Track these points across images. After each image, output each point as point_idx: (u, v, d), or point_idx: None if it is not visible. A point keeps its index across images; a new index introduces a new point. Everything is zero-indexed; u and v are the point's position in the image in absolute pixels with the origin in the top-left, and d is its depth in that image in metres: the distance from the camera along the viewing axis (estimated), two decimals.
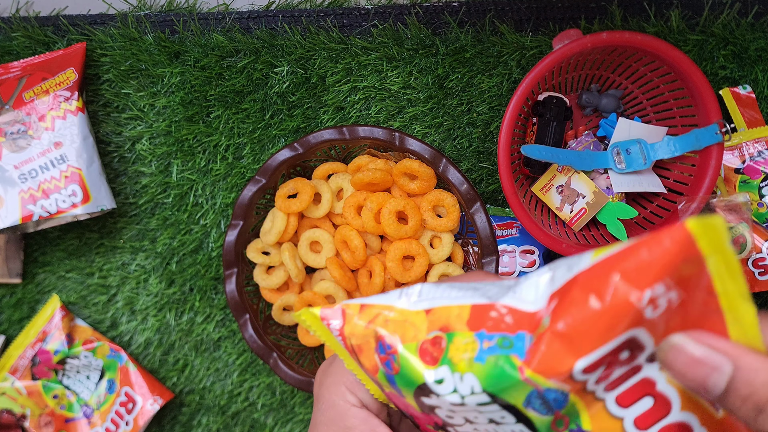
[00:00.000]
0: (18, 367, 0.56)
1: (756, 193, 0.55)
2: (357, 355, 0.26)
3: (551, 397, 0.22)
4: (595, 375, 0.21)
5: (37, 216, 0.53)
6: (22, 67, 0.56)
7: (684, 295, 0.20)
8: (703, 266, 0.20)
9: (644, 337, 0.21)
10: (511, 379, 0.22)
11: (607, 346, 0.20)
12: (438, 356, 0.23)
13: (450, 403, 0.23)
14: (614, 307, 0.20)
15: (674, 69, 0.50)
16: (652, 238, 0.20)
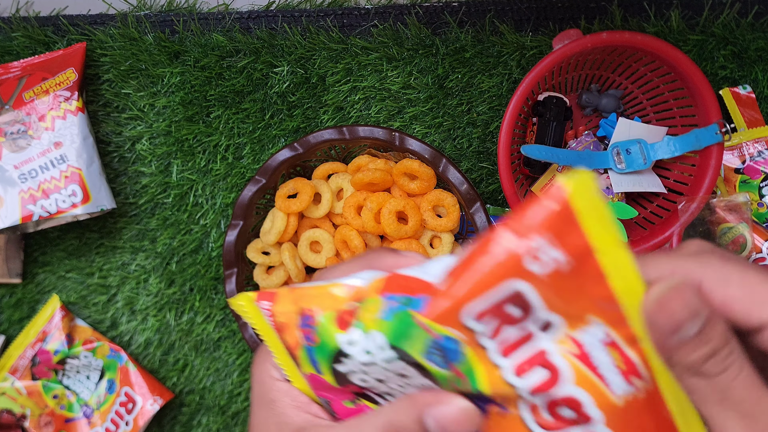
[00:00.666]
0: (18, 367, 0.56)
1: (756, 193, 0.55)
2: (281, 333, 0.27)
3: (446, 346, 0.23)
4: (487, 327, 0.22)
5: (37, 216, 0.53)
6: (22, 67, 0.56)
7: (573, 264, 0.21)
8: (577, 225, 0.21)
9: (532, 296, 0.22)
10: (409, 327, 0.23)
11: (493, 293, 0.22)
12: (350, 321, 0.25)
13: (361, 363, 0.25)
14: (495, 252, 0.22)
15: (674, 69, 0.50)
16: (536, 200, 0.21)
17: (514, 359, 0.23)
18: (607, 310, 0.22)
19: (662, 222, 0.53)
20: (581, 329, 0.22)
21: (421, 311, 0.23)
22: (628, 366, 0.22)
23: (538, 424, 0.24)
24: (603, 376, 0.23)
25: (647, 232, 0.53)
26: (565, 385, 0.23)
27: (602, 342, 0.22)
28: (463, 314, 0.22)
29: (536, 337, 0.23)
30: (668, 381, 0.23)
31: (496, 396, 0.24)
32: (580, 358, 0.23)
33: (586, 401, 0.23)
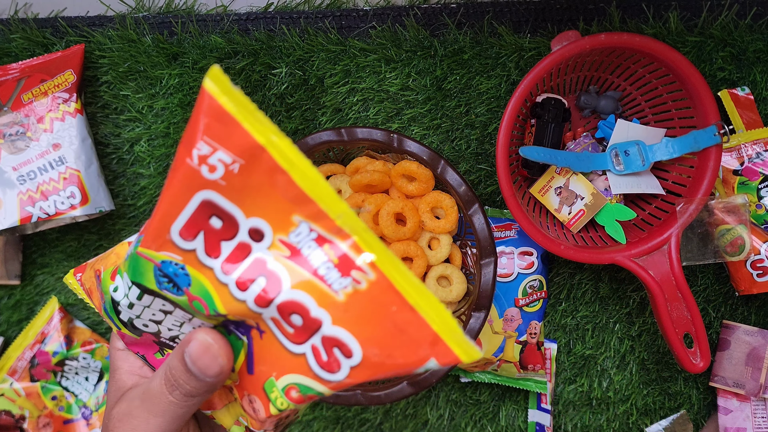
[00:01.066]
0: (17, 368, 0.56)
1: (754, 194, 0.55)
2: (91, 298, 0.29)
3: (170, 270, 0.24)
4: (198, 244, 0.23)
5: (36, 218, 0.53)
6: (20, 69, 0.56)
7: (246, 163, 0.22)
8: (230, 117, 0.22)
9: (222, 202, 0.23)
10: (138, 261, 0.25)
11: (188, 208, 0.23)
12: (116, 272, 0.27)
13: (126, 306, 0.26)
14: (176, 170, 0.23)
15: (672, 70, 0.50)
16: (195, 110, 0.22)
17: (235, 274, 0.24)
18: (304, 206, 0.22)
19: (661, 224, 0.53)
20: (291, 231, 0.23)
21: (140, 243, 0.24)
22: (342, 259, 0.22)
23: (286, 337, 0.24)
24: (320, 274, 0.23)
25: (645, 233, 0.53)
26: (285, 290, 0.23)
27: (313, 240, 0.23)
28: (172, 235, 0.23)
29: (252, 248, 0.23)
30: (392, 262, 0.22)
31: (239, 316, 0.24)
32: (293, 259, 0.23)
33: (308, 303, 0.23)
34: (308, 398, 0.25)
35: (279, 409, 0.26)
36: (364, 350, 0.23)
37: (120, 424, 0.27)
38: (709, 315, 0.58)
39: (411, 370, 0.22)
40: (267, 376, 0.26)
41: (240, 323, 0.26)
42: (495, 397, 0.59)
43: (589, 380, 0.58)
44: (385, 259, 0.22)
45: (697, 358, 0.51)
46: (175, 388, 0.26)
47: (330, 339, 0.23)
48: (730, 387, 0.54)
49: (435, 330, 0.22)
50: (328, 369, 0.24)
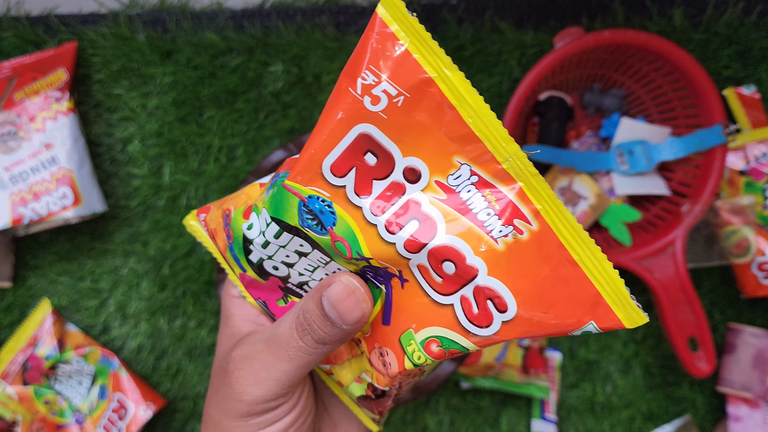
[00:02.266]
0: (9, 372, 0.56)
1: (761, 195, 0.54)
2: (215, 239, 0.28)
3: (316, 207, 0.23)
4: (349, 180, 0.22)
5: (28, 219, 0.53)
6: (12, 68, 0.55)
7: (412, 97, 0.21)
8: (400, 46, 0.20)
9: (380, 137, 0.22)
10: (282, 195, 0.24)
11: (344, 141, 0.22)
12: (251, 209, 0.26)
13: (260, 245, 0.25)
14: (336, 100, 0.22)
15: (677, 68, 0.49)
16: (362, 37, 0.21)
17: (386, 215, 0.22)
18: (469, 145, 0.21)
19: (665, 225, 0.52)
20: (450, 173, 0.22)
21: (288, 176, 0.24)
22: (505, 206, 0.21)
23: (432, 287, 0.23)
24: (480, 220, 0.21)
25: (650, 234, 0.52)
26: (440, 235, 0.22)
27: (473, 184, 0.21)
28: (323, 169, 0.22)
29: (407, 189, 0.22)
30: (559, 212, 0.21)
31: (384, 261, 0.23)
32: (449, 203, 0.22)
33: (465, 250, 0.22)
34: (450, 353, 0.23)
35: (415, 364, 0.24)
36: (519, 305, 0.21)
37: (242, 365, 0.26)
38: (715, 318, 0.57)
39: (567, 331, 0.21)
40: (405, 328, 0.24)
41: (380, 270, 0.24)
42: (496, 403, 0.58)
43: (592, 385, 0.58)
44: (552, 208, 0.21)
45: (702, 362, 0.50)
46: (306, 333, 0.25)
47: (484, 290, 0.22)
48: (737, 391, 0.53)
49: (598, 289, 0.21)
50: (477, 323, 0.22)
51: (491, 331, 0.22)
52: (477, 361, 0.54)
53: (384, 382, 0.26)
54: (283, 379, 0.25)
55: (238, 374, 0.26)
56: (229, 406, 0.26)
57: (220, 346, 0.29)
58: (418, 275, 0.23)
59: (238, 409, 0.25)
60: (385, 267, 0.24)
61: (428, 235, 0.22)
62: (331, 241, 0.23)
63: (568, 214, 0.21)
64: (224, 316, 0.30)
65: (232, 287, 0.30)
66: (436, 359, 0.24)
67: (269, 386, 0.25)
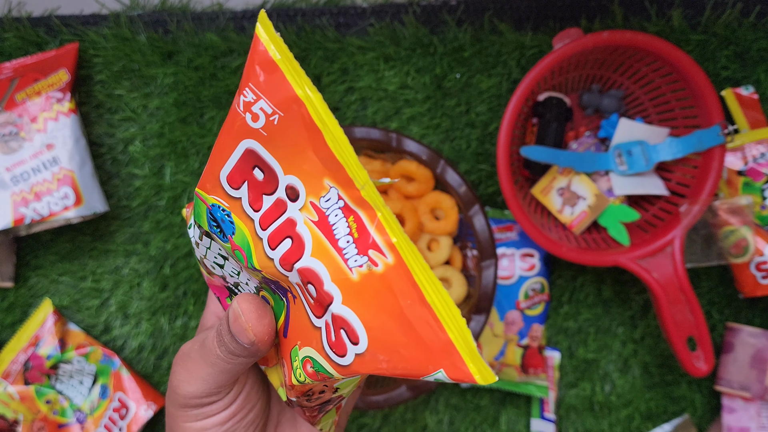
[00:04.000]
0: (10, 371, 0.56)
1: (759, 195, 0.54)
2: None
3: (218, 215, 0.24)
4: (243, 192, 0.23)
5: (29, 219, 0.53)
6: (14, 68, 0.55)
7: (285, 116, 0.21)
8: (275, 67, 0.21)
9: (263, 153, 0.22)
10: (198, 203, 0.25)
11: (234, 154, 0.23)
12: None
13: (194, 244, 0.27)
14: (229, 115, 0.23)
15: (676, 69, 0.49)
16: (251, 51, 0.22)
17: (269, 230, 0.23)
18: (334, 170, 0.21)
19: (664, 225, 0.52)
20: (322, 195, 0.22)
21: (198, 183, 0.25)
22: (362, 234, 0.21)
23: (309, 307, 0.23)
24: (340, 247, 0.21)
25: (649, 235, 0.52)
26: (305, 257, 0.22)
27: (339, 208, 0.22)
28: (221, 180, 0.23)
29: (288, 207, 0.23)
30: (411, 249, 0.21)
31: (272, 276, 0.24)
32: (319, 225, 0.22)
33: (323, 275, 0.22)
34: (321, 377, 0.23)
35: (298, 380, 0.25)
36: (370, 339, 0.21)
37: (180, 362, 0.28)
38: (713, 317, 0.57)
39: (418, 374, 0.21)
40: (294, 344, 0.25)
41: (278, 284, 0.25)
42: (495, 402, 0.58)
43: (591, 384, 0.58)
44: (406, 245, 0.21)
45: (700, 361, 0.51)
46: (222, 344, 0.26)
47: (338, 318, 0.21)
48: (736, 390, 0.54)
49: (450, 337, 0.20)
50: (336, 350, 0.22)
51: (346, 361, 0.22)
52: None
53: (289, 392, 0.26)
54: (209, 380, 0.27)
55: (176, 369, 0.28)
56: (171, 396, 0.28)
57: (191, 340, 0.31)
58: (300, 293, 0.23)
59: (177, 401, 0.28)
60: (278, 281, 0.24)
61: (297, 255, 0.22)
62: (232, 249, 0.24)
63: (417, 253, 0.21)
64: (205, 310, 0.32)
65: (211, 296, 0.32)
66: (312, 380, 0.24)
67: (198, 385, 0.27)
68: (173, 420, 0.28)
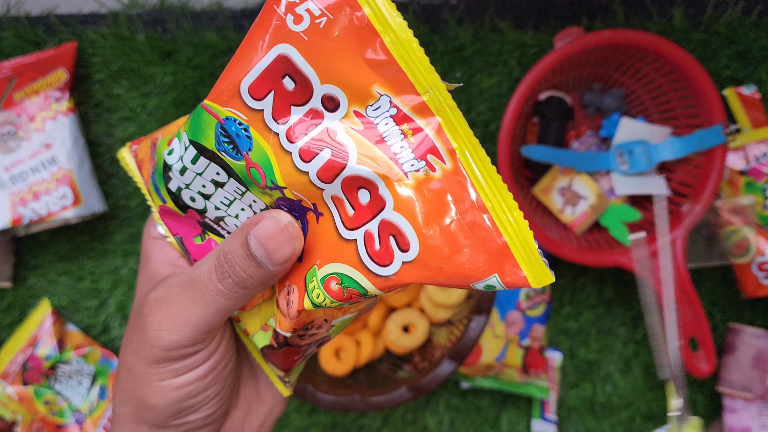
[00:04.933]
0: (9, 372, 0.56)
1: (761, 195, 0.54)
2: (141, 170, 0.27)
3: (233, 130, 0.22)
4: (267, 104, 0.21)
5: (28, 219, 0.52)
6: (12, 68, 0.55)
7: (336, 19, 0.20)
8: None
9: (299, 61, 0.21)
10: (200, 116, 0.23)
11: (263, 61, 0.21)
12: (176, 134, 0.24)
13: (178, 171, 0.24)
14: (261, 18, 0.21)
15: (677, 68, 0.49)
16: None
17: (301, 141, 0.21)
18: (389, 75, 0.20)
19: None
20: (369, 104, 0.21)
21: (208, 96, 0.22)
22: (420, 140, 0.20)
23: (342, 221, 0.22)
24: (393, 152, 0.20)
25: (650, 235, 0.52)
26: (351, 165, 0.21)
27: (391, 116, 0.21)
28: (242, 89, 0.21)
29: (324, 117, 0.21)
30: (475, 153, 0.20)
31: (298, 191, 0.22)
32: (365, 134, 0.21)
33: (376, 180, 0.21)
34: (348, 294, 0.22)
35: (314, 303, 0.23)
36: (422, 245, 0.20)
37: (156, 309, 0.24)
38: (715, 318, 0.57)
39: (468, 281, 0.20)
40: (311, 265, 0.23)
41: (295, 203, 0.23)
42: (496, 403, 0.58)
43: (592, 385, 0.57)
44: (469, 148, 0.20)
45: (702, 362, 0.50)
46: (227, 276, 0.23)
47: (388, 225, 0.21)
48: (737, 391, 0.53)
49: (507, 241, 0.19)
50: (378, 260, 0.21)
51: (391, 270, 0.21)
52: (477, 361, 0.54)
53: (285, 325, 0.25)
54: (200, 324, 0.24)
55: (153, 318, 0.24)
56: (143, 351, 0.24)
57: (138, 291, 0.28)
58: (332, 208, 0.22)
59: (153, 355, 0.24)
60: (300, 199, 0.23)
61: (340, 165, 0.21)
62: (246, 167, 0.22)
63: (484, 156, 0.20)
64: (143, 258, 0.28)
65: (152, 227, 0.28)
66: (335, 299, 0.22)
67: (185, 332, 0.24)
68: (141, 381, 0.25)
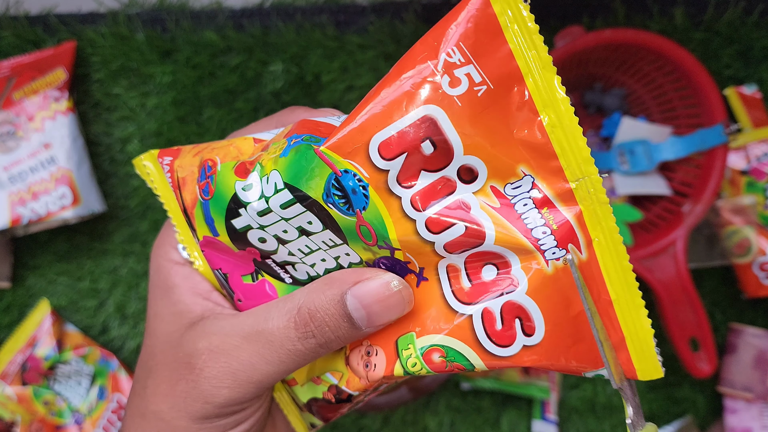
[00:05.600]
0: (8, 372, 0.55)
1: (762, 195, 0.54)
2: (181, 190, 0.24)
3: (349, 185, 0.20)
4: (395, 165, 0.20)
5: (27, 219, 0.52)
6: (11, 67, 0.55)
7: (495, 89, 0.19)
8: (498, 31, 0.18)
9: (447, 126, 0.19)
10: (308, 161, 0.20)
11: (405, 119, 0.19)
12: (251, 168, 0.22)
13: (257, 212, 0.22)
14: (408, 69, 0.19)
15: (678, 68, 0.49)
16: (457, 6, 0.19)
17: (430, 211, 0.20)
18: (540, 158, 0.19)
19: (666, 225, 0.51)
20: (509, 182, 0.20)
21: (325, 143, 0.20)
22: (563, 228, 0.19)
23: (454, 293, 0.21)
24: (534, 237, 0.20)
25: (651, 235, 0.52)
26: (489, 243, 0.20)
27: (532, 199, 0.20)
28: (371, 145, 0.19)
29: (457, 188, 0.20)
30: (613, 247, 0.19)
31: (411, 253, 0.21)
32: (503, 213, 0.20)
33: (511, 260, 0.20)
34: (452, 367, 0.21)
35: (407, 371, 0.22)
36: (547, 332, 0.20)
37: (214, 363, 0.21)
38: (716, 318, 0.57)
39: (582, 370, 0.20)
40: (406, 330, 0.22)
41: (398, 264, 0.22)
42: (497, 404, 0.58)
43: (593, 385, 0.57)
44: (608, 241, 0.19)
45: (703, 362, 0.50)
46: (310, 336, 0.21)
47: (516, 307, 0.20)
48: (738, 391, 0.53)
49: (624, 334, 0.20)
50: (497, 340, 0.20)
51: (509, 352, 0.20)
52: None
53: (358, 385, 0.23)
54: (266, 382, 0.22)
55: (210, 373, 0.22)
56: (192, 406, 0.22)
57: (162, 324, 0.24)
58: (443, 276, 0.21)
59: (204, 411, 0.22)
60: (408, 261, 0.21)
61: (475, 241, 0.20)
62: (356, 225, 0.21)
63: (621, 248, 0.19)
64: (164, 287, 0.25)
65: (171, 250, 0.25)
66: (434, 371, 0.22)
67: (248, 389, 0.22)
68: None
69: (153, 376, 0.23)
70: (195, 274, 0.25)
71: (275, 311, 0.22)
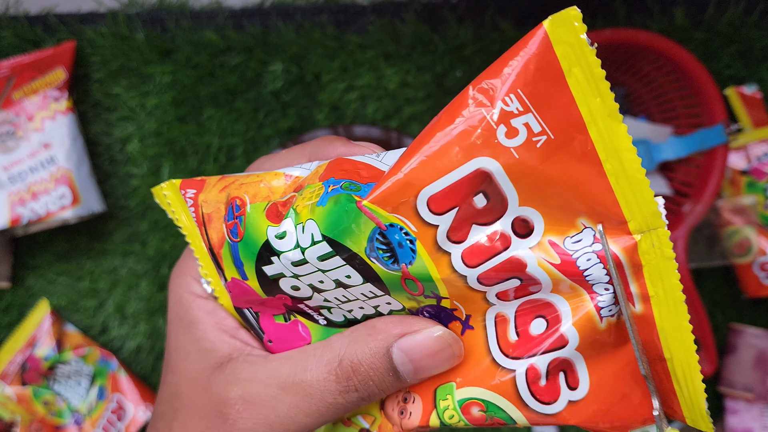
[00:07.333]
0: (7, 372, 0.55)
1: (762, 195, 0.53)
2: (206, 227, 0.23)
3: (395, 239, 0.19)
4: (446, 220, 0.18)
5: (27, 219, 0.52)
6: (11, 67, 0.55)
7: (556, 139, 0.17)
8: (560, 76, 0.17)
9: (502, 179, 0.18)
10: (349, 214, 0.19)
11: (456, 173, 0.18)
12: (284, 212, 0.21)
13: (291, 262, 0.20)
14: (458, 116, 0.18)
15: (678, 67, 0.49)
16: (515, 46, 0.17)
17: (481, 269, 0.19)
18: (602, 208, 0.18)
19: (667, 225, 0.51)
20: (568, 235, 0.18)
21: (366, 196, 0.19)
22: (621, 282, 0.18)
23: (499, 345, 0.20)
24: (595, 291, 0.19)
25: None
26: (545, 291, 0.19)
27: (595, 252, 0.18)
28: (419, 200, 0.18)
29: (513, 243, 0.18)
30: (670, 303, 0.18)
31: (459, 302, 0.20)
32: (563, 269, 0.19)
33: (564, 316, 0.19)
34: (492, 422, 0.20)
35: (443, 422, 0.21)
36: (591, 388, 0.19)
37: (249, 414, 0.20)
38: (716, 318, 0.57)
39: (629, 426, 0.19)
40: (446, 380, 0.21)
41: (444, 312, 0.21)
42: None
43: None
44: (668, 299, 0.18)
45: (703, 362, 0.50)
46: (353, 389, 0.20)
47: (563, 363, 0.19)
48: (739, 391, 0.53)
49: (677, 394, 0.19)
50: (540, 397, 0.20)
51: (553, 409, 0.19)
52: None
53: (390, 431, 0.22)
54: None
55: (244, 424, 0.21)
56: None
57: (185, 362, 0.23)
58: (490, 326, 0.20)
59: None
60: (454, 308, 0.20)
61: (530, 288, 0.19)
62: (401, 278, 0.19)
63: (681, 305, 0.18)
64: (186, 321, 0.23)
65: (193, 282, 0.24)
66: (473, 424, 0.21)
67: None
68: None
69: (180, 420, 0.22)
70: (219, 309, 0.24)
71: (314, 361, 0.21)
